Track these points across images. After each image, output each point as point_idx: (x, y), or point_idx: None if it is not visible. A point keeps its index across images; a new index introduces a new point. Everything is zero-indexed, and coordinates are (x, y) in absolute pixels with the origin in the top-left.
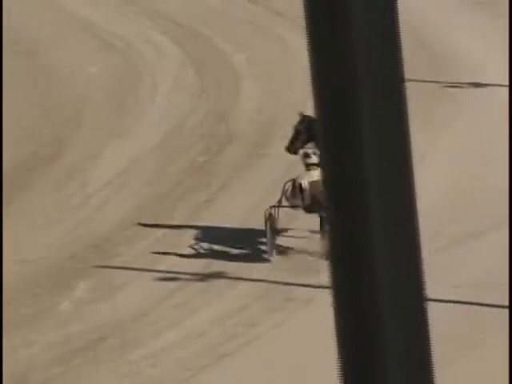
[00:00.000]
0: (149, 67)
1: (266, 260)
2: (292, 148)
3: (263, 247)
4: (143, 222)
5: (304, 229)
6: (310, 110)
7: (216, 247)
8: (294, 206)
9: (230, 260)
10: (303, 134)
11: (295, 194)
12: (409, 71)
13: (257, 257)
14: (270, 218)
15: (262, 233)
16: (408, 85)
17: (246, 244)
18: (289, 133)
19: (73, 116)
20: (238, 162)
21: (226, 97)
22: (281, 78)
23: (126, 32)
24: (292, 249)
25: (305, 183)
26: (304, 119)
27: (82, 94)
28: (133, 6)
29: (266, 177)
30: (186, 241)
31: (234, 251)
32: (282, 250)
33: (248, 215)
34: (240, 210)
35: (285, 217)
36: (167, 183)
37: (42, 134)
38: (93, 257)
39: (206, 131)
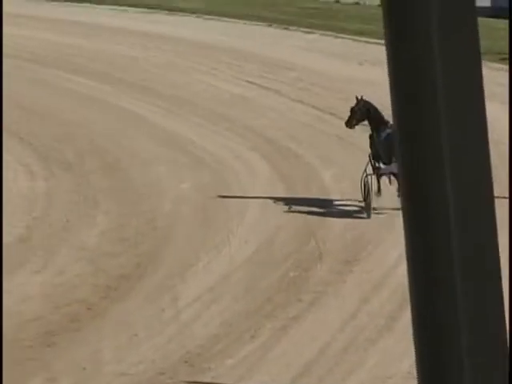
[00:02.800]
0: (238, 183)
1: None
2: (348, 124)
3: None
4: (232, 338)
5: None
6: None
7: None
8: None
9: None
10: (358, 113)
11: None
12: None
13: None
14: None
15: None
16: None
17: None
18: (378, 253)
19: (164, 230)
20: (328, 278)
21: (314, 213)
22: None
23: (216, 147)
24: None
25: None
26: (359, 102)
27: (173, 210)
28: (225, 122)
29: (355, 294)
30: (273, 356)
31: None
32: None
33: (338, 332)
34: (331, 325)
35: None
36: (256, 299)
37: (133, 248)
38: (183, 372)
39: (295, 247)
